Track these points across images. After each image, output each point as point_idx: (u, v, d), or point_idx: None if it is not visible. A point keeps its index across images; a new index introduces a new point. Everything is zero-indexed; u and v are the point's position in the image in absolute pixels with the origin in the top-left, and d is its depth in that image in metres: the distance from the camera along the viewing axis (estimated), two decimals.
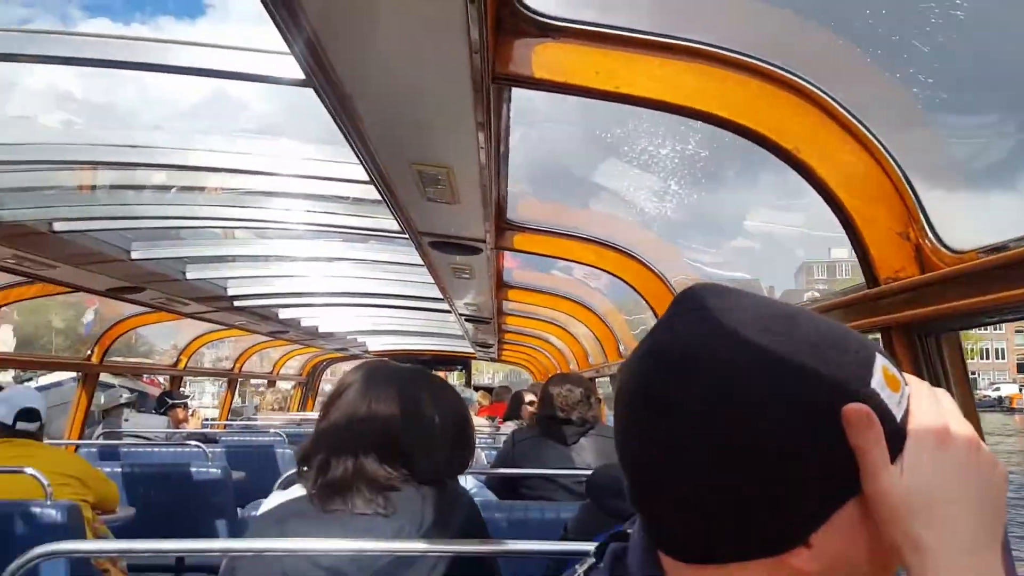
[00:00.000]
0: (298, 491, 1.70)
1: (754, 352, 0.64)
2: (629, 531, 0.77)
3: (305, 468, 1.70)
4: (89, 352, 6.35)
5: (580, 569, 0.80)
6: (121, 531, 3.79)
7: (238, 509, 4.58)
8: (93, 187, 3.59)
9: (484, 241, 3.28)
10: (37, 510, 2.94)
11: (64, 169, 3.35)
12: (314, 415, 10.08)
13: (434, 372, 1.88)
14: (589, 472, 2.25)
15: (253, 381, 16.76)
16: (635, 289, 3.87)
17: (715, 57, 1.70)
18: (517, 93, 2.06)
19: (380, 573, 1.54)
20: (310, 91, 1.85)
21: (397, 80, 1.73)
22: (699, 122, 1.94)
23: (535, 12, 1.62)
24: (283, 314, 7.11)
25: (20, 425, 3.60)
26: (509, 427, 6.13)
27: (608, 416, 5.50)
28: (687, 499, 0.64)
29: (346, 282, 6.16)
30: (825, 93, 1.72)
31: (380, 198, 2.91)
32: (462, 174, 2.31)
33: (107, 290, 4.91)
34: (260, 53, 1.73)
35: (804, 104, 1.73)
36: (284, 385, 11.81)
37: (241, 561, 1.61)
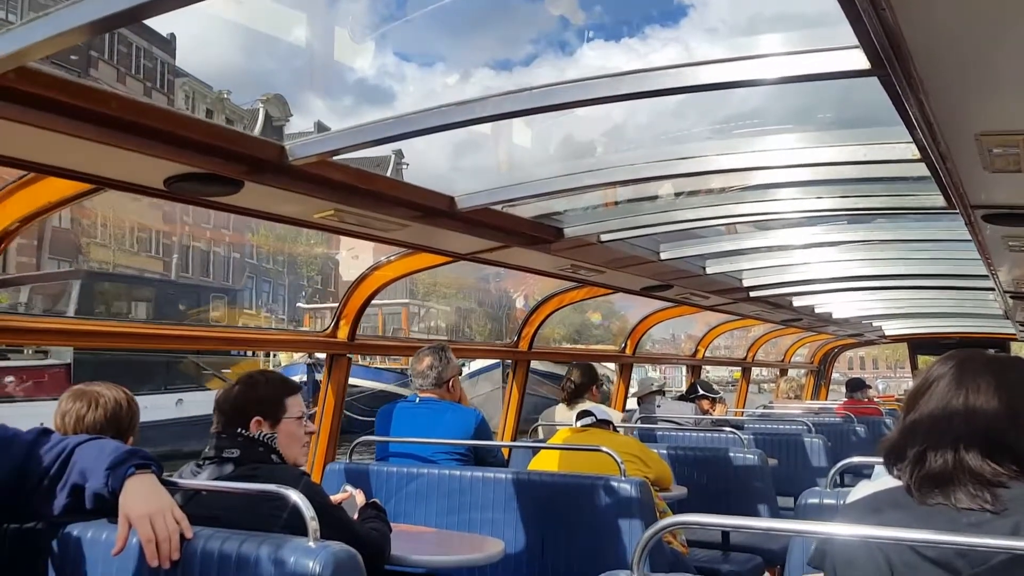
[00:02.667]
0: (888, 482, 1.68)
1: None
2: None
3: (893, 460, 1.67)
4: (622, 344, 7.13)
5: None
6: (675, 507, 4.17)
7: (777, 497, 4.70)
8: (615, 202, 4.02)
9: None
10: (615, 484, 3.40)
11: (606, 187, 3.82)
12: (830, 404, 9.79)
13: None
14: None
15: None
16: None
17: None
18: None
19: (992, 570, 1.44)
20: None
21: (968, 46, 1.60)
22: None
23: None
24: (797, 302, 7.06)
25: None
26: None
27: None
28: None
29: (862, 265, 5.86)
30: None
31: (924, 173, 2.72)
32: None
33: (640, 289, 5.45)
34: (820, 52, 1.76)
35: None
36: (793, 373, 11.67)
37: (833, 546, 1.65)
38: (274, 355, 23.35)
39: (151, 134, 2.10)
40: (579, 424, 4.29)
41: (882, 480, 1.73)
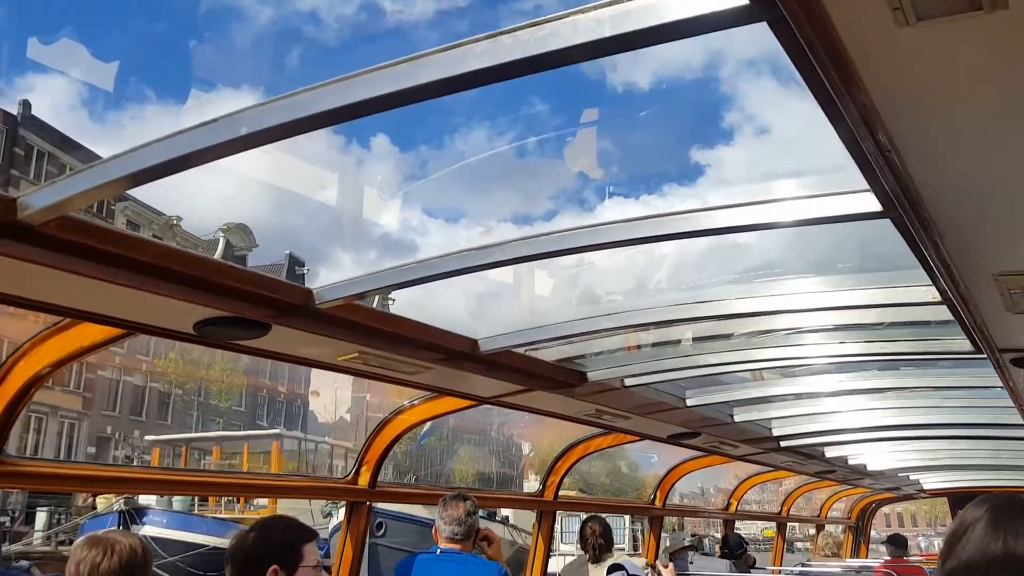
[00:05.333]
0: None
1: None
2: None
3: None
4: (652, 496, 6.90)
5: None
6: None
7: None
8: (638, 346, 4.03)
9: None
10: None
11: (627, 330, 3.84)
12: (872, 562, 9.26)
13: None
14: None
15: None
16: None
17: None
18: None
19: None
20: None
21: (984, 186, 1.65)
22: None
23: None
24: (829, 452, 6.85)
25: None
26: None
27: None
28: None
29: (893, 414, 5.72)
30: None
31: (948, 317, 2.71)
32: None
33: (667, 436, 5.34)
34: (833, 196, 1.81)
35: None
36: (831, 528, 11.15)
37: None
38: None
39: (181, 279, 2.17)
40: None
41: None
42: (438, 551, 3.78)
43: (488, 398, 3.83)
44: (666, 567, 5.20)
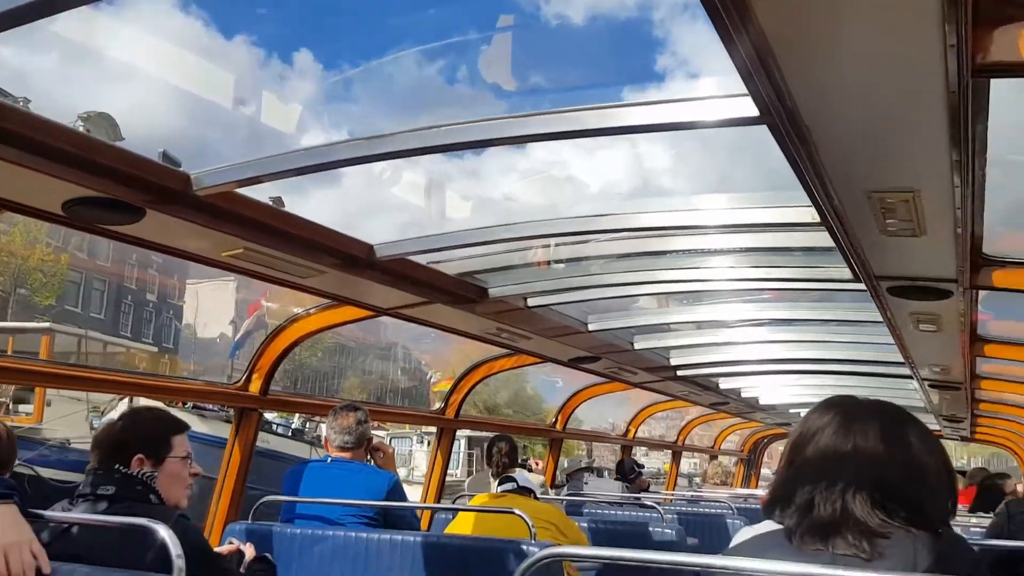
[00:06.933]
0: (769, 526, 1.67)
1: None
2: None
3: (777, 505, 1.66)
4: (554, 420, 7.07)
5: None
6: None
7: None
8: (549, 262, 4.05)
9: (955, 281, 2.93)
10: (524, 548, 3.30)
11: (526, 240, 3.84)
12: (759, 492, 9.77)
13: None
14: None
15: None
16: None
17: None
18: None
19: None
20: (734, 138, 1.88)
21: (856, 98, 1.68)
22: None
23: None
24: (723, 384, 7.12)
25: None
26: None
27: None
28: None
29: (787, 348, 5.96)
30: None
31: (830, 243, 2.80)
32: (930, 198, 2.12)
33: (569, 360, 5.44)
34: (713, 99, 1.82)
35: None
36: (723, 459, 11.69)
37: None
38: None
39: (50, 153, 2.05)
40: (499, 490, 4.20)
41: (764, 524, 1.71)
42: (329, 459, 3.79)
43: (387, 309, 3.79)
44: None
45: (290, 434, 20.38)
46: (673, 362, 6.14)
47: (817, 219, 2.47)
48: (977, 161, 2.07)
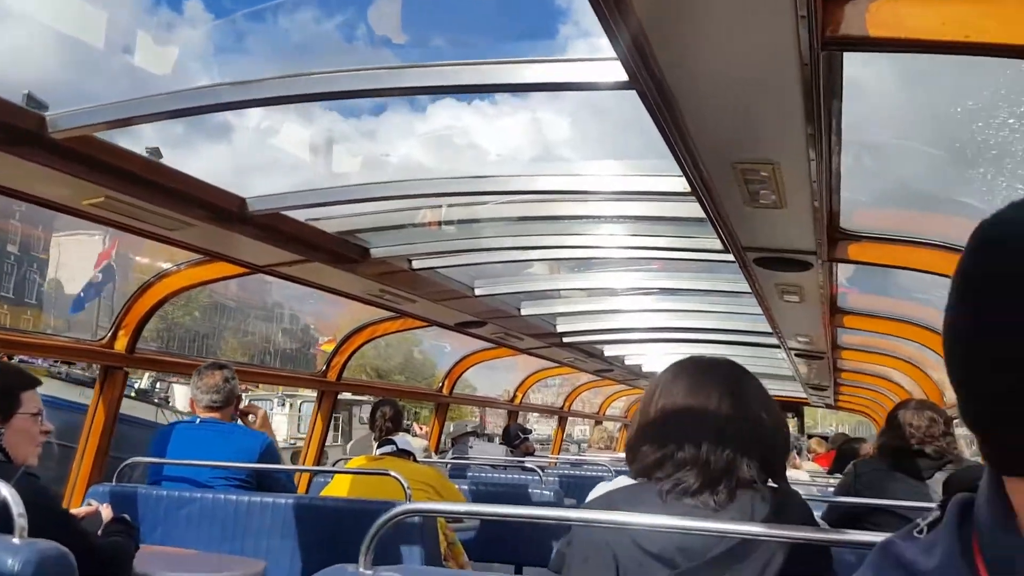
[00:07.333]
0: (624, 481, 1.73)
1: None
2: None
3: (630, 460, 1.73)
4: (440, 384, 7.08)
5: (923, 522, 0.73)
6: (467, 541, 4.11)
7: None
8: (440, 223, 4.01)
9: (814, 253, 3.08)
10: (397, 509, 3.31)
11: (418, 208, 3.79)
12: None
13: None
14: None
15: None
16: None
17: None
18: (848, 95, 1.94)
19: (709, 564, 1.51)
20: (627, 108, 1.91)
21: (718, 67, 1.72)
22: None
23: None
24: (608, 351, 7.31)
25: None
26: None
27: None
28: None
29: (669, 317, 6.15)
30: None
31: (702, 215, 2.90)
32: (789, 171, 2.21)
33: (455, 324, 5.45)
34: (584, 62, 1.84)
35: None
36: (608, 425, 12.05)
37: (572, 548, 1.67)
38: None
39: None
40: (378, 452, 4.18)
41: (619, 480, 1.77)
42: (198, 420, 3.67)
43: (262, 266, 3.68)
44: None
45: (133, 394, 19.47)
46: (559, 329, 6.24)
47: (687, 189, 2.54)
48: (833, 137, 2.18)
